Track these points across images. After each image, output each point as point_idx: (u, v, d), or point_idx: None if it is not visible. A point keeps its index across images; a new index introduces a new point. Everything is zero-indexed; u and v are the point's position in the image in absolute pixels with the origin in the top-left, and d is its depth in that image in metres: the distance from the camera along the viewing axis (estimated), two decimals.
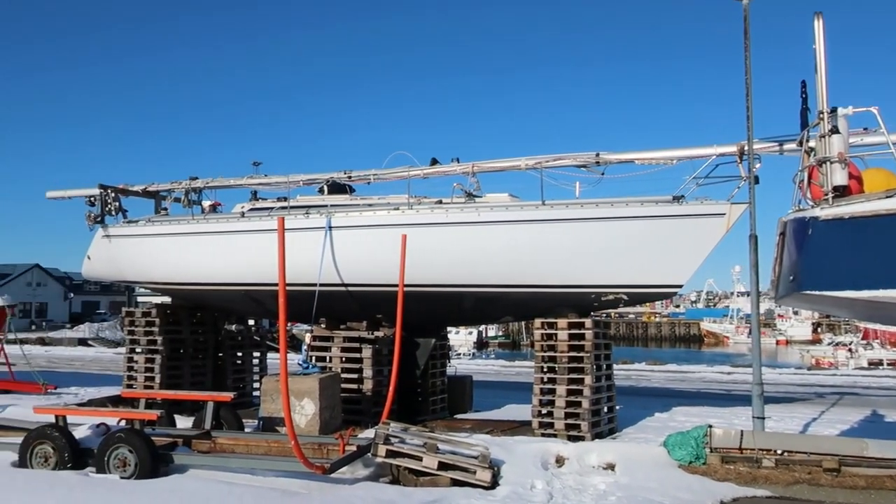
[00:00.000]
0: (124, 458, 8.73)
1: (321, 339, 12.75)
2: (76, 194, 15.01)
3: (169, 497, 7.69)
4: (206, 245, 13.46)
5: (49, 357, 32.36)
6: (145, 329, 14.19)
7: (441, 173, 12.67)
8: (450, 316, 13.82)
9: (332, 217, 12.26)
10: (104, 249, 14.64)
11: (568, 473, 9.08)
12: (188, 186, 14.42)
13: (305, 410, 10.87)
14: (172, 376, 14.18)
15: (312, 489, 8.32)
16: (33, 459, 9.17)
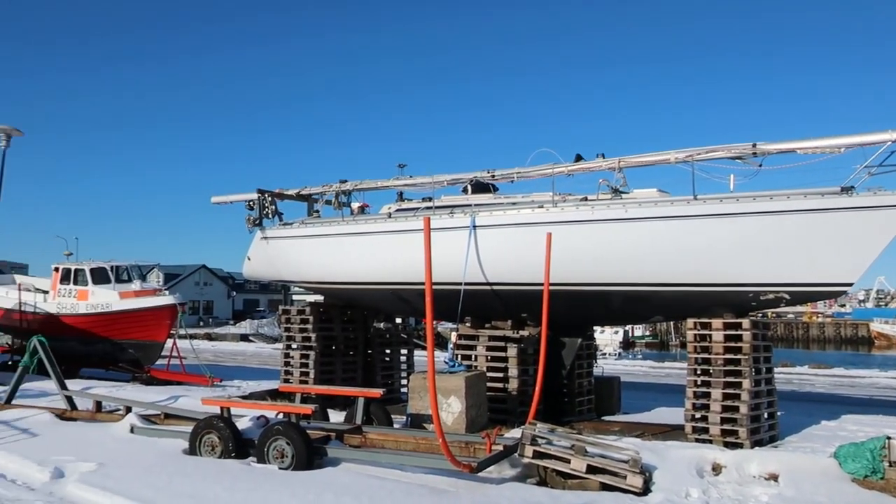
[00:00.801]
0: (282, 449, 9.14)
1: (466, 337, 12.83)
2: (237, 199, 15.91)
3: (323, 490, 7.95)
4: (356, 245, 13.89)
5: (215, 351, 34.66)
6: (300, 326, 14.85)
7: (586, 169, 12.38)
8: (596, 315, 13.49)
9: (476, 216, 12.29)
10: (262, 250, 15.45)
11: (725, 482, 8.60)
12: (338, 189, 14.93)
13: (452, 408, 10.96)
14: (325, 372, 14.75)
15: (460, 487, 8.34)
16: (201, 447, 9.78)
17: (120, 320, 19.96)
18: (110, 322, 20.12)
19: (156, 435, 10.86)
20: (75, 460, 9.40)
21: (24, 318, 21.35)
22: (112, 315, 20.12)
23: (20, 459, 9.61)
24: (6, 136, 19.88)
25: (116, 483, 8.35)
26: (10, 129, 19.75)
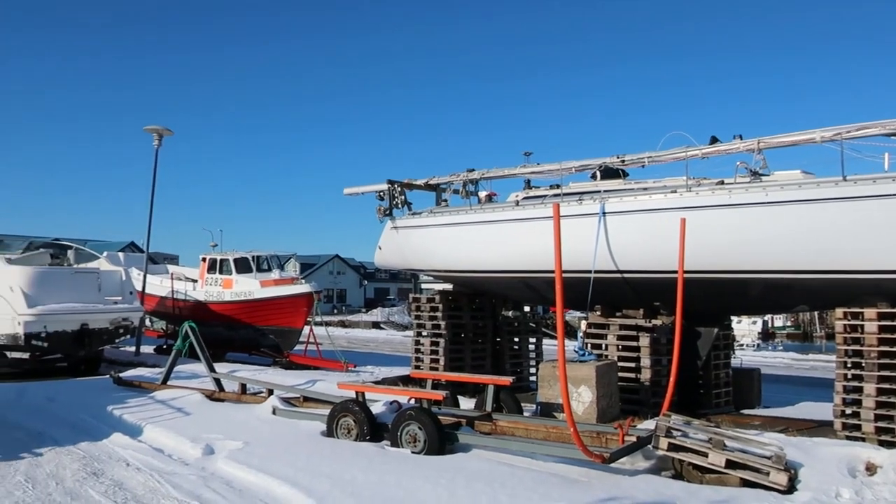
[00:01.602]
0: (414, 434, 9.33)
1: (596, 326, 12.62)
2: (368, 190, 16.36)
3: (455, 474, 8.06)
4: (483, 234, 13.95)
5: (348, 338, 35.90)
6: (430, 314, 15.11)
7: (722, 152, 11.84)
8: (734, 304, 12.91)
9: (605, 202, 12.05)
10: (392, 240, 15.82)
11: (882, 484, 8.01)
12: (465, 178, 15.03)
13: (582, 398, 10.82)
14: (455, 359, 14.95)
15: (592, 477, 8.23)
16: (338, 430, 10.15)
17: (261, 307, 21.07)
18: (252, 309, 21.27)
19: (295, 417, 11.36)
20: (224, 438, 10.00)
21: (176, 305, 22.95)
22: (254, 302, 21.26)
23: (175, 436, 10.33)
24: (158, 135, 21.39)
25: (261, 461, 8.81)
26: (162, 129, 21.23)
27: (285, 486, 7.87)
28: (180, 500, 7.61)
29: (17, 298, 16.54)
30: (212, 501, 7.58)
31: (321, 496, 7.47)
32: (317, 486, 7.77)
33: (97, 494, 7.84)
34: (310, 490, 7.65)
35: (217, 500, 7.65)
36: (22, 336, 16.49)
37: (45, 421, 12.00)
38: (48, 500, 7.65)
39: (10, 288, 16.76)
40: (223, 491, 7.98)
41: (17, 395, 13.92)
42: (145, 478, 8.51)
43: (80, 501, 7.59)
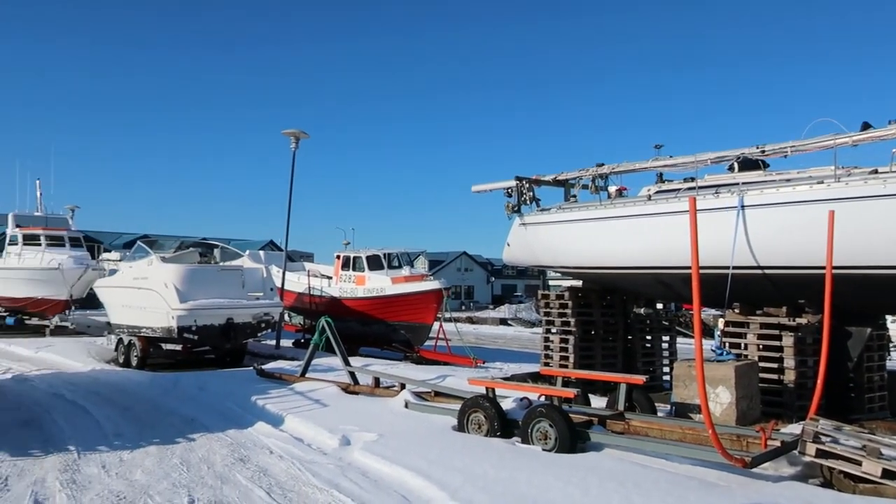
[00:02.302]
0: (545, 431, 9.28)
1: (735, 324, 12.08)
2: (496, 187, 16.40)
3: (587, 473, 7.96)
4: (614, 229, 13.67)
5: (476, 334, 36.13)
6: (559, 311, 14.98)
7: (875, 139, 11.04)
8: (890, 302, 12.01)
9: (744, 195, 11.51)
10: (521, 236, 15.79)
11: None
12: (595, 173, 14.79)
13: (720, 399, 10.40)
14: (585, 356, 14.75)
15: (731, 482, 7.89)
16: (469, 425, 10.25)
17: (392, 304, 21.59)
18: (384, 305, 21.84)
19: (427, 411, 11.57)
20: (359, 430, 10.32)
21: (313, 300, 23.92)
22: (385, 299, 21.82)
23: (314, 427, 10.77)
24: (295, 138, 22.36)
25: (395, 453, 9.03)
26: (299, 132, 22.18)
27: (418, 479, 8.03)
28: (320, 488, 7.92)
29: (171, 294, 17.75)
30: (349, 490, 7.84)
31: (453, 490, 7.56)
32: (449, 480, 7.88)
33: (244, 479, 8.29)
34: (442, 483, 7.77)
35: (353, 489, 7.90)
36: (175, 329, 17.69)
37: (197, 408, 12.83)
38: (201, 482, 8.16)
39: (165, 284, 18.02)
40: (359, 481, 8.24)
41: (172, 384, 14.96)
42: (287, 465, 8.92)
43: (229, 485, 8.06)
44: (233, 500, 7.49)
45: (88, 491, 7.75)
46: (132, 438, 10.38)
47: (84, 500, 7.45)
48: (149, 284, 18.67)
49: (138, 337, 19.02)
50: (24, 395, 14.15)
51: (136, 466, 8.81)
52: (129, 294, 19.79)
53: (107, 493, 7.65)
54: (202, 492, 7.78)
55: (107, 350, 21.42)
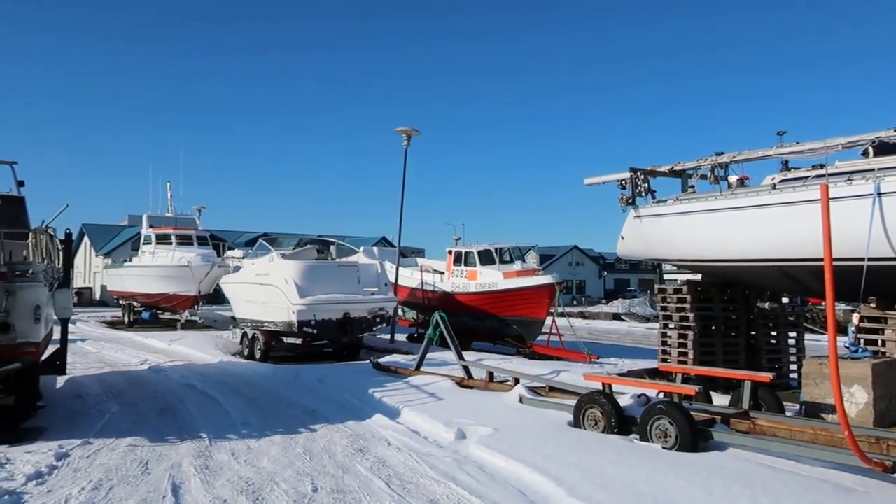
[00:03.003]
0: (665, 429, 9.02)
1: (871, 319, 11.35)
2: (609, 179, 16.07)
3: (710, 474, 7.68)
4: (735, 220, 13.11)
5: (589, 329, 35.61)
6: (677, 305, 14.52)
7: None
8: None
9: (881, 182, 10.76)
10: (636, 229, 15.40)
11: None
12: (714, 162, 14.23)
13: (855, 399, 9.79)
14: (704, 353, 14.23)
15: (870, 487, 7.42)
16: (585, 421, 10.10)
17: (504, 298, 21.57)
18: (496, 300, 21.84)
19: (542, 406, 11.49)
20: (474, 424, 10.38)
21: (426, 295, 24.22)
22: (497, 293, 21.82)
23: (430, 420, 10.90)
24: (407, 136, 22.69)
25: (510, 447, 9.02)
26: (411, 129, 22.49)
27: (535, 474, 7.99)
28: (437, 480, 8.01)
29: (291, 289, 18.42)
30: (466, 483, 7.89)
31: (571, 485, 7.48)
32: (566, 476, 7.79)
33: (364, 470, 8.50)
34: (559, 479, 7.70)
35: (470, 482, 7.94)
36: (295, 323, 18.35)
37: (317, 400, 13.27)
38: (323, 471, 8.43)
39: (285, 280, 18.71)
40: (476, 474, 8.28)
41: (293, 376, 15.54)
42: (405, 457, 9.08)
43: (350, 475, 8.28)
44: (354, 490, 7.68)
45: (220, 476, 8.15)
46: (258, 428, 10.84)
47: (216, 484, 7.83)
48: (270, 280, 19.45)
49: (261, 331, 19.85)
50: (159, 385, 15.07)
51: (263, 454, 9.19)
52: (252, 290, 20.70)
53: (236, 479, 8.02)
54: (325, 480, 8.03)
55: (232, 343, 22.50)
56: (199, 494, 7.47)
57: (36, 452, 8.95)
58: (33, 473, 8.00)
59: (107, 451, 9.22)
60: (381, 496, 7.47)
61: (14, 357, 9.83)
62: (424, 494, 7.54)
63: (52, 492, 7.48)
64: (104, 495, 7.40)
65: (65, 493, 7.39)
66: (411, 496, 7.46)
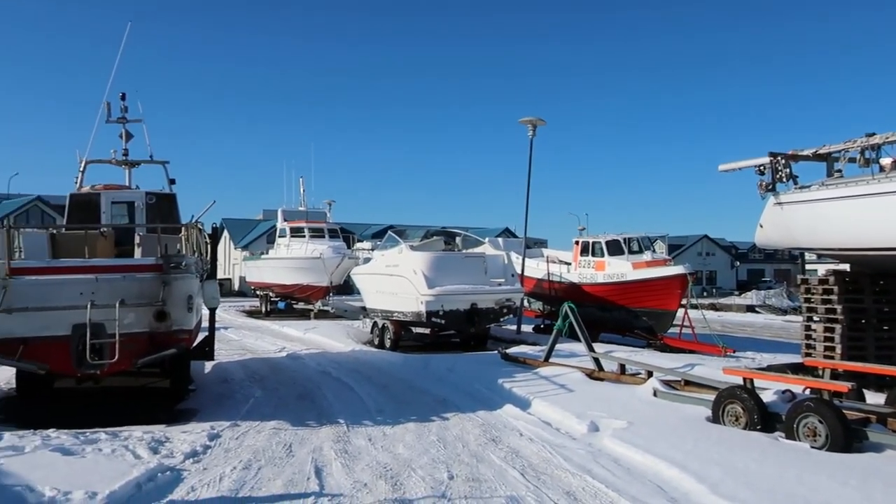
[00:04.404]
0: (814, 427, 8.54)
1: None
2: (746, 165, 15.31)
3: (868, 476, 7.21)
4: (889, 206, 12.19)
5: (721, 322, 34.22)
6: (822, 297, 13.69)
7: None
8: None
9: None
10: (776, 217, 14.61)
11: None
12: (864, 144, 13.26)
13: None
14: (854, 348, 13.35)
15: None
16: (724, 417, 9.73)
17: (633, 289, 21.08)
18: (625, 291, 21.39)
19: (677, 400, 11.16)
20: (607, 417, 10.22)
21: (552, 286, 24.04)
22: (626, 284, 21.35)
23: (561, 411, 10.83)
24: (532, 126, 22.56)
25: (646, 442, 8.81)
26: (536, 119, 22.35)
27: (674, 469, 7.77)
28: (572, 473, 7.95)
29: (419, 280, 18.75)
30: (602, 476, 7.78)
31: (713, 483, 7.22)
32: (707, 472, 7.54)
33: (498, 459, 8.55)
34: (700, 475, 7.45)
35: (606, 475, 7.83)
36: (424, 313, 18.67)
37: (447, 389, 13.47)
38: (458, 459, 8.54)
39: (414, 271, 19.07)
40: (611, 468, 8.15)
41: (423, 366, 15.83)
42: (538, 448, 9.06)
43: (484, 464, 8.35)
44: (489, 479, 7.74)
45: (359, 461, 8.42)
46: (392, 415, 11.13)
47: (356, 468, 8.10)
48: (399, 272, 19.88)
49: (391, 321, 20.34)
50: (297, 372, 15.75)
51: (398, 441, 9.42)
52: (381, 281, 21.23)
53: (375, 464, 8.26)
54: (459, 469, 8.13)
55: (363, 332, 23.20)
56: (340, 477, 7.76)
57: (191, 432, 9.57)
58: (190, 452, 8.56)
59: (253, 434, 9.73)
60: (516, 486, 7.49)
61: (170, 343, 10.56)
62: (560, 486, 7.50)
63: (208, 470, 7.97)
64: (254, 474, 7.81)
65: (219, 472, 7.86)
66: (547, 487, 7.44)
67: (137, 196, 14.67)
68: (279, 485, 7.47)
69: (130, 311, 10.12)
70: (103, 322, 9.95)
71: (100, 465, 7.82)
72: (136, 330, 10.23)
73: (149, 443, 8.80)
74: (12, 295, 9.82)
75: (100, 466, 7.74)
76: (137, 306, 10.20)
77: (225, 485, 7.41)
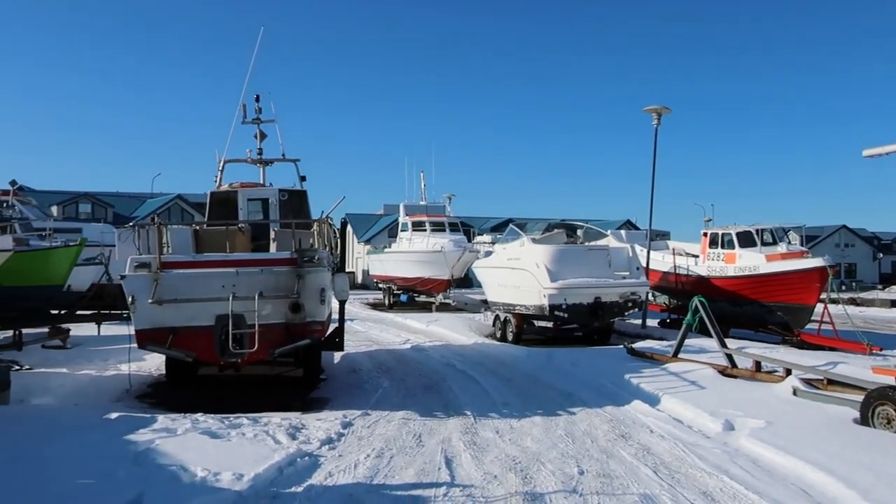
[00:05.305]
0: None
1: None
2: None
3: None
4: None
5: (863, 317, 32.07)
6: None
7: None
8: None
9: None
10: None
11: None
12: None
13: None
14: None
15: None
16: (875, 419, 9.14)
17: (767, 283, 20.09)
18: (758, 284, 20.42)
19: (820, 400, 10.57)
20: (743, 416, 9.82)
21: (679, 280, 23.28)
22: (759, 278, 20.38)
23: (693, 408, 10.50)
24: (657, 115, 21.93)
25: (787, 443, 8.41)
26: (661, 108, 21.72)
27: (819, 473, 7.37)
28: (708, 472, 7.69)
29: (542, 273, 18.63)
30: (740, 478, 7.48)
31: (864, 489, 6.80)
32: (857, 477, 7.11)
33: (628, 456, 8.39)
34: (849, 481, 7.04)
35: (745, 477, 7.52)
36: (546, 307, 18.54)
37: (572, 383, 13.33)
38: (587, 455, 8.45)
39: (536, 264, 18.97)
40: (750, 468, 7.83)
41: (546, 359, 15.74)
42: (670, 446, 8.82)
43: (614, 460, 8.21)
44: (620, 475, 7.61)
45: (488, 453, 8.48)
46: (518, 408, 11.14)
47: (485, 460, 8.16)
48: (521, 265, 19.82)
49: (513, 314, 20.33)
50: (422, 364, 16.03)
51: (525, 434, 9.42)
52: (503, 274, 21.25)
53: (504, 457, 8.30)
54: (589, 464, 8.04)
55: (484, 325, 23.31)
56: (470, 469, 7.84)
57: (325, 420, 9.94)
58: (325, 439, 8.90)
59: (384, 423, 9.99)
60: (649, 484, 7.33)
61: (304, 334, 11.01)
62: (695, 486, 7.27)
63: (343, 457, 8.25)
64: (386, 463, 8.03)
65: (353, 459, 8.12)
66: (681, 486, 7.24)
67: (271, 193, 15.34)
68: (411, 473, 7.64)
69: (268, 302, 10.62)
70: (243, 313, 10.49)
71: (244, 448, 8.26)
72: (273, 321, 10.73)
73: (287, 429, 9.20)
74: (162, 287, 10.52)
75: (244, 449, 8.17)
76: (274, 298, 10.69)
77: (360, 472, 7.65)
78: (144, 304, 10.51)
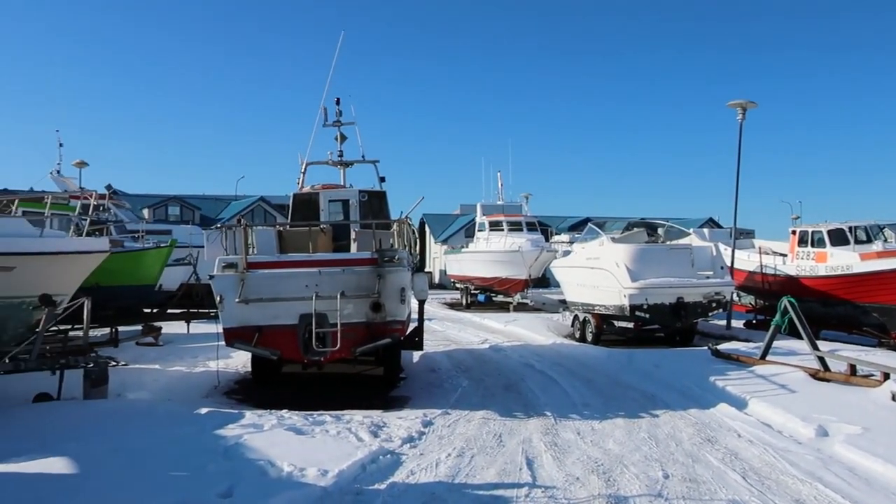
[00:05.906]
0: None
1: None
2: None
3: None
4: None
5: None
6: None
7: None
8: None
9: None
10: None
11: None
12: None
13: None
14: None
15: None
16: None
17: (862, 282, 19.19)
18: (851, 284, 19.54)
19: None
20: (837, 421, 9.42)
21: (765, 279, 22.50)
22: (853, 277, 19.49)
23: (783, 413, 10.13)
24: (742, 109, 21.27)
25: (886, 450, 8.04)
26: (746, 102, 21.05)
27: None
28: (801, 479, 7.41)
29: (622, 273, 18.33)
30: (836, 486, 7.19)
31: None
32: None
33: (715, 461, 8.16)
34: None
35: (841, 485, 7.22)
36: (627, 307, 18.22)
37: (654, 385, 13.06)
38: (671, 458, 8.27)
39: (616, 264, 18.67)
40: (845, 476, 7.51)
41: (627, 360, 15.47)
42: (759, 451, 8.53)
43: (700, 465, 8.01)
44: (707, 480, 7.42)
45: (569, 455, 8.40)
46: (599, 409, 10.99)
47: (567, 462, 8.09)
48: (601, 264, 19.54)
49: (592, 314, 20.06)
50: (501, 364, 16.00)
51: (607, 436, 9.29)
52: (582, 273, 20.99)
53: (586, 459, 8.20)
54: (674, 468, 7.87)
55: (563, 326, 23.10)
56: (552, 470, 7.78)
57: (406, 419, 10.04)
58: (406, 437, 8.99)
59: (464, 422, 10.03)
60: (738, 489, 7.12)
61: (385, 333, 11.15)
62: (787, 493, 7.02)
63: (424, 455, 8.32)
64: (468, 462, 8.05)
65: (434, 458, 8.18)
66: (772, 493, 7.00)
67: (352, 194, 15.59)
68: (492, 473, 7.64)
69: (350, 302, 10.81)
70: (326, 312, 10.71)
71: (328, 444, 8.43)
72: (354, 320, 10.91)
73: (369, 427, 9.34)
74: (249, 287, 10.84)
75: (328, 446, 8.34)
76: (356, 298, 10.87)
77: (441, 471, 7.70)
78: (232, 303, 10.85)
